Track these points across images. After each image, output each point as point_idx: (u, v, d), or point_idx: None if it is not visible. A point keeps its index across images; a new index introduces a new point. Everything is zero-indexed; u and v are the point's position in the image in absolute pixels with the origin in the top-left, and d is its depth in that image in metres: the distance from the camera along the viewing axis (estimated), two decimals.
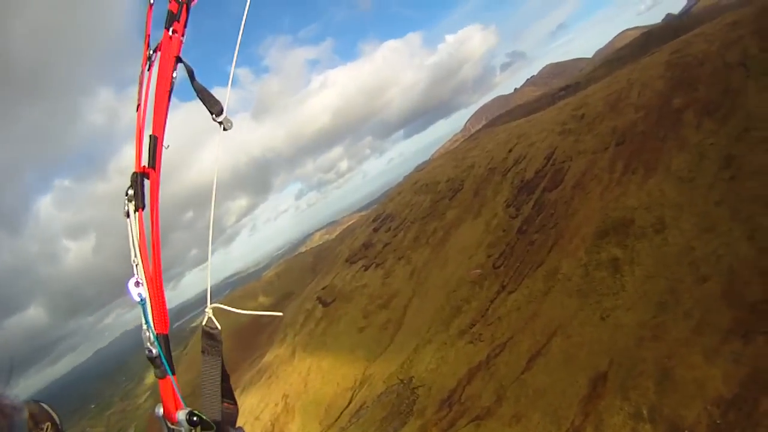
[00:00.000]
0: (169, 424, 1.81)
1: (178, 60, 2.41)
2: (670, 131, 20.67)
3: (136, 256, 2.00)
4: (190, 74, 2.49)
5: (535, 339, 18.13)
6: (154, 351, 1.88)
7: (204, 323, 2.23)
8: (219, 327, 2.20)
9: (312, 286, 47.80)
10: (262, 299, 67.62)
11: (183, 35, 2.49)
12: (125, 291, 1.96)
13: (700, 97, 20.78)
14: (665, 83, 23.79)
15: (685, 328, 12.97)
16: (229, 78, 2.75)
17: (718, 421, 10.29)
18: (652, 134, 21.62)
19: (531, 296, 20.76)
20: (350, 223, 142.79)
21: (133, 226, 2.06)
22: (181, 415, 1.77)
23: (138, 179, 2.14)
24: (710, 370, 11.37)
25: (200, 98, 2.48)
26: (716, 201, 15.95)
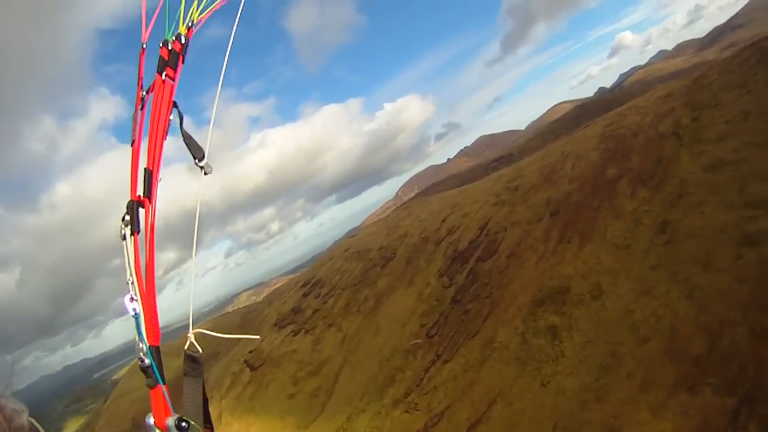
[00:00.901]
0: None
1: (174, 105, 2.53)
2: (604, 200, 21.32)
3: (131, 275, 2.08)
4: (181, 120, 2.60)
5: (474, 407, 17.63)
6: (146, 361, 1.95)
7: (186, 347, 2.28)
8: (201, 351, 2.26)
9: (239, 349, 45.55)
10: (178, 362, 63.98)
11: (175, 80, 2.61)
12: (50, 331, 2.29)
13: (633, 167, 21.66)
14: (599, 155, 24.78)
15: (630, 388, 12.88)
16: (210, 122, 2.91)
17: None
18: (586, 204, 22.24)
19: (467, 365, 20.33)
20: (278, 285, 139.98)
21: (129, 248, 2.14)
22: (171, 421, 1.84)
23: (134, 206, 2.26)
24: (660, 425, 11.26)
25: (186, 143, 2.61)
26: (652, 265, 16.28)
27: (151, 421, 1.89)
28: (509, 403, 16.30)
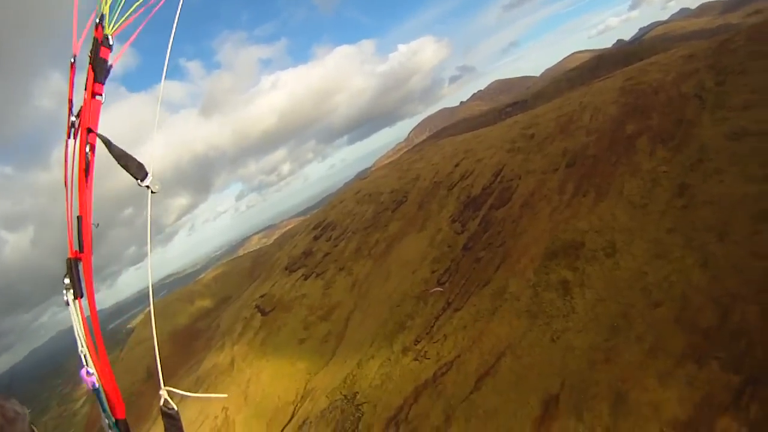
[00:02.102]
0: None
1: (89, 131, 2.34)
2: (622, 156, 21.01)
3: (83, 345, 2.03)
4: (107, 144, 2.40)
5: (483, 359, 17.86)
6: None
7: (161, 405, 2.31)
8: (176, 408, 2.29)
9: (249, 293, 46.35)
10: (199, 303, 65.32)
11: (103, 94, 2.41)
12: (62, 290, 2.06)
13: (653, 125, 21.23)
14: (618, 109, 24.30)
15: (639, 352, 13.01)
16: (159, 93, 2.81)
17: None
18: (603, 158, 21.94)
19: (478, 315, 20.47)
20: (288, 227, 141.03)
21: (75, 316, 2.06)
22: None
23: (72, 266, 2.12)
24: (665, 393, 11.41)
25: (122, 165, 2.42)
26: (669, 228, 16.17)
27: None
28: (518, 357, 16.52)
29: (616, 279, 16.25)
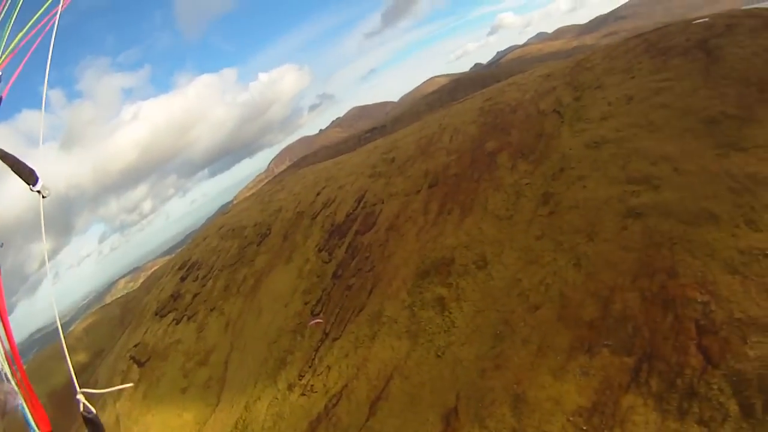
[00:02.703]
0: None
1: None
2: (484, 173, 21.97)
3: (3, 365, 2.05)
4: (2, 153, 2.41)
5: (372, 384, 17.68)
6: None
7: (81, 410, 2.27)
8: (94, 410, 2.26)
9: (123, 343, 42.39)
10: (73, 359, 58.34)
11: None
12: None
13: (513, 141, 22.44)
14: (478, 128, 25.46)
15: (527, 354, 13.49)
16: (41, 111, 3.19)
17: (584, 427, 10.65)
18: (466, 176, 22.82)
19: (357, 341, 20.30)
20: (154, 269, 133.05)
21: None
22: None
23: None
24: (563, 386, 11.91)
25: (14, 171, 2.43)
26: (537, 236, 17.06)
27: None
28: (406, 377, 16.50)
29: (491, 289, 16.81)
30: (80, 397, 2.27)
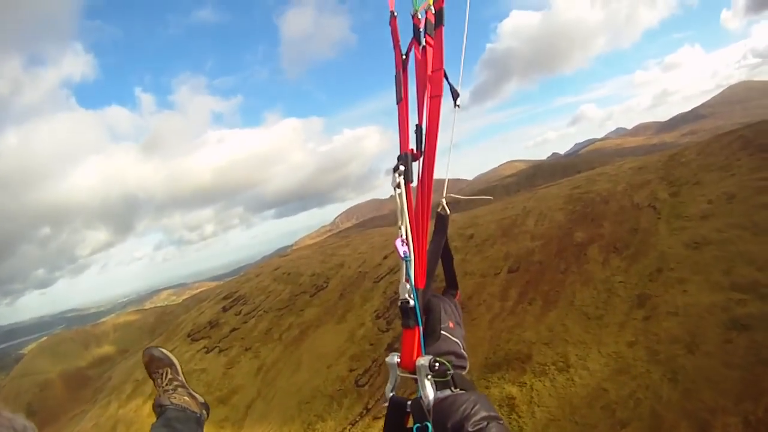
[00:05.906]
0: (399, 372, 2.19)
1: (445, 75, 2.56)
2: (572, 264, 19.91)
3: (403, 221, 2.22)
4: (455, 96, 2.70)
5: None
6: (411, 302, 2.12)
7: (439, 210, 2.79)
8: (449, 212, 2.79)
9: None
10: (94, 349, 58.84)
11: (435, 47, 2.61)
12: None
13: (605, 233, 20.45)
14: (566, 215, 23.55)
15: None
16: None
17: None
18: (551, 265, 20.79)
19: None
20: (200, 290, 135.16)
21: (402, 196, 2.27)
22: (424, 360, 2.01)
23: (407, 158, 2.39)
24: None
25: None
26: (630, 342, 14.81)
27: (395, 360, 2.19)
28: None
29: (571, 396, 14.51)
30: (443, 201, 2.64)
